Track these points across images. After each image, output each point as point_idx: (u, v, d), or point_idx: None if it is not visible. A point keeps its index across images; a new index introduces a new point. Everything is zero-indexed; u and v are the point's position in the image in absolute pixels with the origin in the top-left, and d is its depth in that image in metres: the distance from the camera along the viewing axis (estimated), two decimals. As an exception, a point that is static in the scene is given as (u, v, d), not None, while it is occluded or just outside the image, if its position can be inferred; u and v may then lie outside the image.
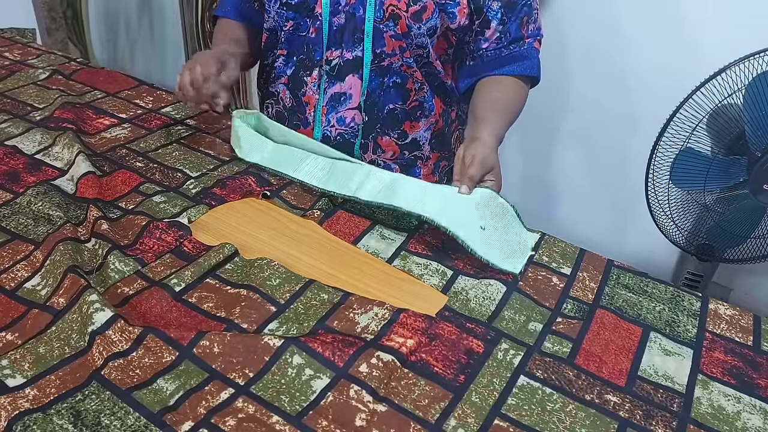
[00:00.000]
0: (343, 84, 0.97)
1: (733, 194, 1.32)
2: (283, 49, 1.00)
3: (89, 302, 0.62)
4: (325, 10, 0.92)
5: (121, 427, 0.53)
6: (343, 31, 0.93)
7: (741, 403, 0.62)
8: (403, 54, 0.94)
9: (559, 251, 0.81)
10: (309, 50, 0.97)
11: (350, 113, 0.99)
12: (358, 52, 0.94)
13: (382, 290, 0.72)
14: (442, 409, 0.58)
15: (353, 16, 0.92)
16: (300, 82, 1.00)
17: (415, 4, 0.89)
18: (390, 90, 0.97)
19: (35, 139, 0.92)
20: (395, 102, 0.99)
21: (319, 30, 0.94)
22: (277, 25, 0.98)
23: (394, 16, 0.90)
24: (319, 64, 0.97)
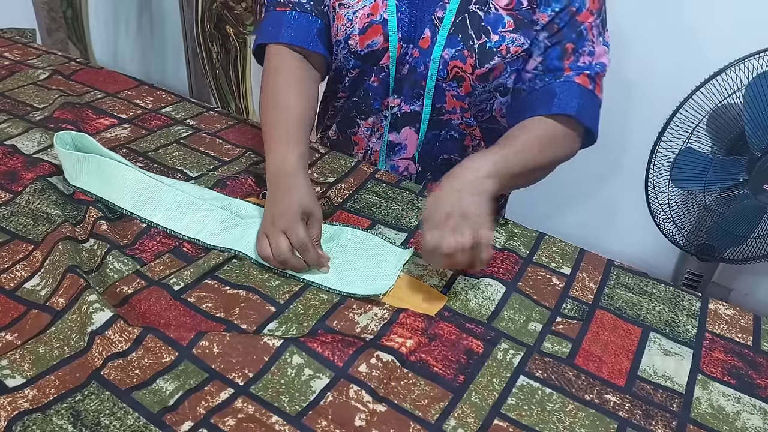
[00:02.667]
0: (399, 135, 0.95)
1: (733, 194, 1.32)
2: (345, 92, 0.98)
3: (89, 302, 0.62)
4: (392, 62, 0.89)
5: (120, 427, 0.53)
6: (405, 83, 0.91)
7: (741, 403, 0.62)
8: (464, 114, 0.92)
9: (559, 251, 0.81)
10: (368, 96, 0.95)
11: (404, 163, 0.98)
12: (416, 107, 0.92)
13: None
14: (441, 409, 0.58)
15: (414, 70, 0.89)
16: (351, 121, 0.99)
17: (482, 66, 0.85)
18: (447, 142, 0.96)
19: (35, 138, 0.92)
20: (451, 153, 0.97)
21: (382, 81, 0.92)
22: (343, 68, 0.95)
23: (458, 78, 0.87)
24: (377, 112, 0.96)
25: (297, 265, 0.72)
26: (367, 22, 0.87)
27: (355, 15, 0.88)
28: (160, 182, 0.80)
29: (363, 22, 0.87)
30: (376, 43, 0.88)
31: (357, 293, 0.70)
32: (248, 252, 0.74)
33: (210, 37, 2.02)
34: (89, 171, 0.81)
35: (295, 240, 0.72)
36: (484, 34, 0.84)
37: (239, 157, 0.94)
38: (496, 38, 0.84)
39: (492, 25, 0.84)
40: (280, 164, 0.78)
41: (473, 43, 0.84)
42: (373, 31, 0.88)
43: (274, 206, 0.75)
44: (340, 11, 0.88)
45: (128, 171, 0.80)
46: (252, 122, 1.05)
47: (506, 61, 0.85)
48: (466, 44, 0.85)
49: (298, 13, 0.89)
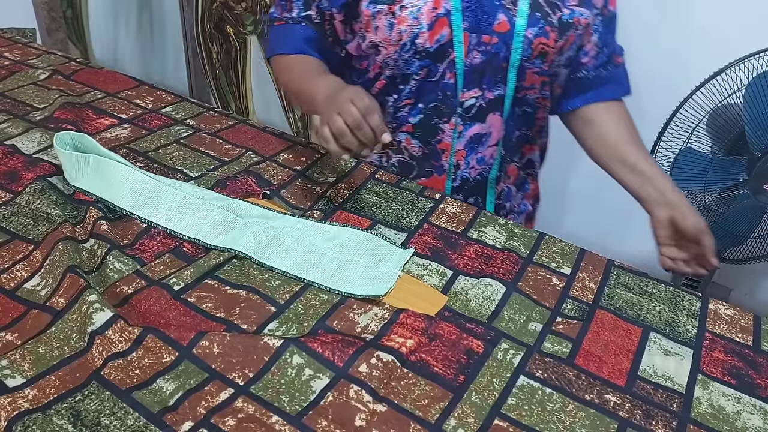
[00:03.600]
0: (484, 124, 0.94)
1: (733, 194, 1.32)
2: (409, 98, 0.94)
3: (89, 302, 0.62)
4: (458, 53, 0.88)
5: (120, 427, 0.53)
6: (483, 71, 0.90)
7: (741, 403, 0.62)
8: (543, 88, 0.94)
9: (559, 251, 0.81)
10: (446, 96, 0.92)
11: (489, 150, 0.97)
12: (499, 91, 0.92)
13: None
14: (442, 409, 0.58)
15: (496, 56, 0.89)
16: (434, 129, 0.95)
17: (561, 38, 0.88)
18: (520, 118, 0.96)
19: (35, 138, 0.92)
20: (521, 128, 0.98)
21: (457, 74, 0.90)
22: (402, 73, 0.92)
23: (543, 54, 0.89)
24: (457, 110, 0.93)
25: (352, 142, 0.73)
26: (433, 16, 0.87)
27: (420, 12, 0.87)
28: (159, 182, 0.80)
29: (430, 17, 0.87)
30: (444, 37, 0.87)
31: (357, 294, 0.70)
32: (248, 252, 0.74)
33: (210, 37, 2.02)
34: (89, 171, 0.81)
35: (361, 105, 0.73)
36: (557, 8, 0.88)
37: (239, 157, 0.94)
38: (568, 11, 0.88)
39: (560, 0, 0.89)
40: (330, 86, 0.82)
41: (552, 18, 0.87)
42: (439, 25, 0.87)
43: (332, 98, 0.78)
44: (402, 13, 0.87)
45: (128, 171, 0.80)
46: (252, 122, 1.05)
47: (577, 33, 0.90)
48: (545, 20, 0.87)
49: (290, 25, 0.95)
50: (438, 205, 0.88)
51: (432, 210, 0.87)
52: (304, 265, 0.74)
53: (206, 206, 0.78)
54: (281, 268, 0.73)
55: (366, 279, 0.73)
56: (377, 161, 1.02)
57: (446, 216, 0.86)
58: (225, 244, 0.75)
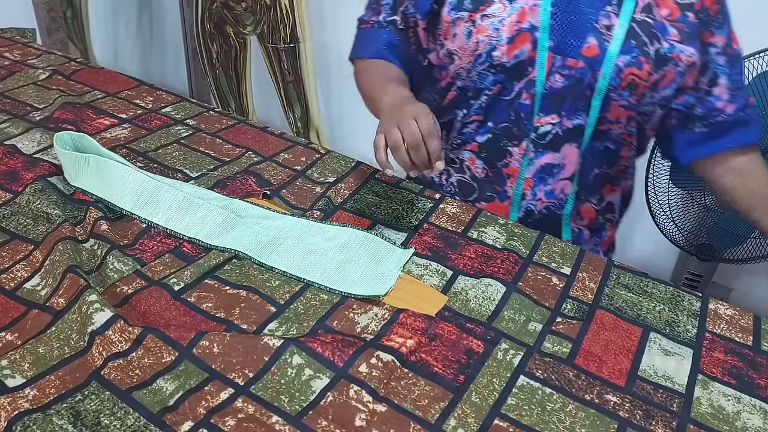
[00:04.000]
0: (558, 154, 0.88)
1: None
2: (478, 114, 0.89)
3: (89, 302, 0.62)
4: (539, 74, 0.83)
5: (120, 427, 0.53)
6: (564, 97, 0.84)
7: (741, 403, 0.62)
8: (629, 124, 0.87)
9: (559, 251, 0.81)
10: (519, 118, 0.87)
11: (561, 184, 0.91)
12: (580, 120, 0.85)
13: (381, 290, 0.72)
14: (442, 409, 0.58)
15: (580, 81, 0.83)
16: (502, 152, 0.89)
17: (656, 72, 0.82)
18: (600, 154, 0.90)
19: (34, 138, 0.92)
20: (601, 166, 0.91)
21: (533, 96, 0.85)
22: (475, 86, 0.87)
23: (633, 85, 0.82)
24: (528, 134, 0.88)
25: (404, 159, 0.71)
26: (515, 30, 0.82)
27: (501, 23, 0.82)
28: (160, 182, 0.80)
29: (512, 30, 0.82)
30: (524, 53, 0.83)
31: (357, 294, 0.70)
32: (248, 252, 0.74)
33: (210, 37, 2.02)
34: (89, 171, 0.81)
35: (425, 125, 0.69)
36: (656, 40, 0.82)
37: (239, 157, 0.94)
38: (667, 45, 0.82)
39: (660, 31, 0.82)
40: (397, 96, 0.80)
41: (648, 49, 0.81)
42: (520, 40, 0.82)
43: (398, 109, 0.75)
44: (483, 22, 0.83)
45: (128, 171, 0.80)
46: (252, 122, 1.05)
47: (677, 70, 0.83)
48: (641, 50, 0.81)
49: (375, 29, 0.93)
50: (438, 205, 0.88)
51: (432, 210, 0.87)
52: (304, 265, 0.74)
53: (206, 206, 0.78)
54: (281, 268, 0.73)
55: (366, 279, 0.73)
56: (436, 178, 0.98)
57: (446, 216, 0.86)
58: (225, 244, 0.75)
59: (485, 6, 0.84)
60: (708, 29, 0.84)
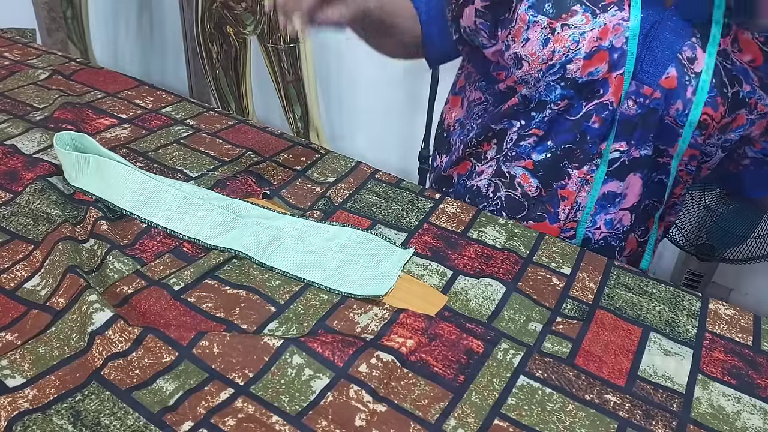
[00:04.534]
0: (622, 183, 0.85)
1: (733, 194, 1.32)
2: (539, 128, 0.84)
3: (89, 302, 0.62)
4: (622, 98, 0.79)
5: (120, 427, 0.53)
6: (635, 125, 0.81)
7: (741, 403, 0.62)
8: (690, 162, 0.84)
9: (559, 251, 0.81)
10: (584, 140, 0.83)
11: (621, 214, 0.88)
12: (647, 151, 0.82)
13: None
14: (442, 409, 0.58)
15: (654, 111, 0.79)
16: (561, 173, 0.85)
17: (728, 116, 0.78)
18: (653, 186, 0.87)
19: (35, 138, 0.92)
20: (652, 198, 0.88)
21: (604, 120, 0.81)
22: (539, 98, 0.82)
23: (703, 125, 0.79)
24: (591, 158, 0.84)
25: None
26: (595, 46, 0.77)
27: (582, 36, 0.77)
28: (160, 182, 0.80)
29: (591, 45, 0.77)
30: (599, 71, 0.78)
31: (357, 294, 0.70)
32: (248, 252, 0.74)
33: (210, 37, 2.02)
34: (89, 171, 0.81)
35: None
36: (737, 82, 0.78)
37: (239, 157, 0.94)
38: (748, 88, 0.78)
39: (742, 74, 0.78)
40: None
41: (727, 91, 0.77)
42: (598, 58, 0.78)
43: None
44: (563, 32, 0.78)
45: (128, 171, 0.80)
46: (252, 122, 1.05)
47: (749, 117, 0.79)
48: (720, 91, 0.77)
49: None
50: (438, 205, 0.88)
51: (432, 210, 0.87)
52: (304, 265, 0.74)
53: (206, 206, 0.78)
54: (281, 268, 0.73)
55: (366, 279, 0.73)
56: (483, 189, 0.92)
57: (446, 216, 0.86)
58: (225, 244, 0.75)
59: (567, 15, 0.78)
60: None
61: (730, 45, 0.78)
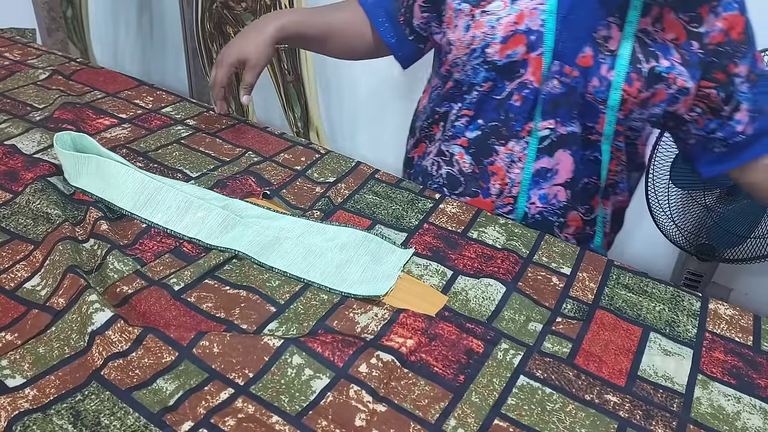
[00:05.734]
0: (552, 159, 0.90)
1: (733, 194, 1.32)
2: (469, 109, 0.91)
3: (89, 302, 0.62)
4: (544, 77, 0.84)
5: (120, 427, 0.53)
6: (559, 103, 0.86)
7: (741, 403, 0.62)
8: (616, 137, 0.88)
9: (559, 251, 0.81)
10: (508, 118, 0.89)
11: (554, 189, 0.92)
12: (575, 128, 0.87)
13: (381, 290, 0.72)
14: (442, 409, 0.58)
15: (573, 90, 0.84)
16: (488, 149, 0.91)
17: (647, 90, 0.83)
18: (590, 164, 0.91)
19: (34, 138, 0.92)
20: (591, 176, 0.92)
21: (526, 99, 0.87)
22: (468, 80, 0.89)
23: (621, 101, 0.84)
24: (519, 135, 0.89)
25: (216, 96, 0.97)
26: (511, 30, 0.83)
27: (498, 22, 0.84)
28: (160, 182, 0.80)
29: (507, 30, 0.84)
30: (517, 53, 0.84)
31: (357, 294, 0.70)
32: (248, 252, 0.74)
33: (210, 37, 2.02)
34: (89, 172, 0.81)
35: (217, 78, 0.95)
36: (652, 57, 0.82)
37: (239, 157, 0.94)
38: (667, 64, 0.81)
39: (661, 51, 0.82)
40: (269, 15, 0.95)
41: (641, 66, 0.81)
42: (514, 41, 0.83)
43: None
44: (481, 18, 0.84)
45: (128, 171, 0.80)
46: (252, 122, 1.05)
47: (669, 92, 0.83)
48: (633, 65, 0.81)
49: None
50: (438, 205, 0.88)
51: (432, 210, 0.87)
52: (304, 265, 0.74)
53: (206, 206, 0.78)
54: (281, 268, 0.73)
55: (366, 279, 0.73)
56: (430, 167, 0.99)
57: (446, 216, 0.86)
58: (225, 244, 0.75)
59: (486, 2, 0.85)
60: (732, 61, 0.83)
61: (651, 25, 0.81)
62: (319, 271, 0.73)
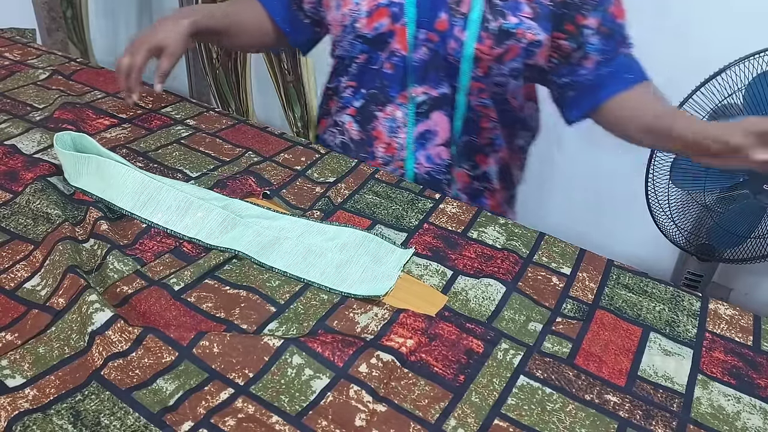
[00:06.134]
0: (430, 121, 0.96)
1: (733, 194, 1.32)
2: (352, 80, 0.99)
3: (89, 302, 0.62)
4: (410, 45, 0.91)
5: (120, 427, 0.53)
6: (427, 68, 0.92)
7: (741, 403, 0.62)
8: (480, 94, 0.94)
9: (559, 251, 0.81)
10: (383, 85, 0.96)
11: (435, 150, 0.98)
12: (444, 89, 0.94)
13: (381, 290, 0.72)
14: (442, 409, 0.58)
15: (437, 53, 0.91)
16: (370, 116, 0.99)
17: (498, 46, 0.89)
18: (469, 123, 0.97)
19: (34, 138, 0.92)
20: (470, 135, 0.99)
21: (396, 66, 0.94)
22: (348, 55, 0.97)
23: (477, 59, 0.90)
24: (396, 101, 0.96)
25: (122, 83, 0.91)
26: (374, 5, 0.91)
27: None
28: (160, 182, 0.80)
29: (370, 4, 0.91)
30: (383, 25, 0.91)
31: (357, 294, 0.70)
32: (248, 252, 0.74)
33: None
34: (89, 171, 0.81)
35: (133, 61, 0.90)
36: (500, 16, 0.88)
37: (239, 157, 0.94)
38: (515, 20, 0.87)
39: (510, 9, 0.88)
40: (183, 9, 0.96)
41: (489, 24, 0.88)
42: (378, 14, 0.90)
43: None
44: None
45: (128, 171, 0.80)
46: (252, 122, 1.05)
47: (521, 46, 0.89)
48: (482, 25, 0.88)
49: None
50: (438, 205, 0.88)
51: (432, 210, 0.87)
52: (304, 265, 0.74)
53: (206, 206, 0.78)
54: (281, 268, 0.73)
55: (366, 279, 0.73)
56: (329, 139, 1.06)
57: (446, 216, 0.86)
58: (225, 244, 0.75)
59: None
60: (580, 12, 0.89)
61: None
62: (319, 271, 0.73)
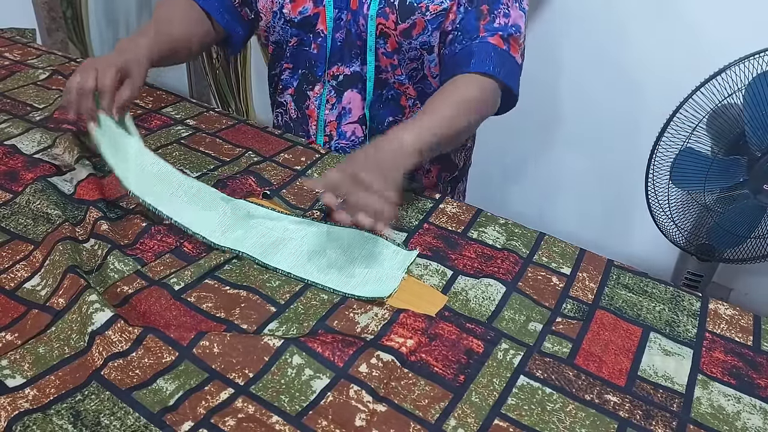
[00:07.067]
0: (344, 99, 0.99)
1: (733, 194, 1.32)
2: (288, 63, 1.01)
3: (89, 302, 0.62)
4: (329, 26, 0.94)
5: (120, 427, 0.53)
6: (343, 48, 0.95)
7: (741, 403, 0.62)
8: (395, 71, 0.96)
9: (559, 251, 0.81)
10: (311, 65, 0.99)
11: (350, 127, 1.01)
12: (356, 68, 0.96)
13: (381, 290, 0.72)
14: (442, 409, 0.58)
15: (350, 32, 0.94)
16: (304, 95, 1.02)
17: (403, 21, 0.90)
18: (389, 102, 0.99)
19: (35, 138, 0.92)
20: (395, 114, 1.00)
21: (321, 46, 0.96)
22: (282, 40, 1.00)
23: (384, 35, 0.92)
24: (322, 80, 0.99)
25: (80, 105, 0.76)
26: None
27: None
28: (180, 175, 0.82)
29: None
30: (307, 9, 0.93)
31: (360, 295, 0.70)
32: (252, 253, 0.74)
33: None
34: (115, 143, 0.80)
35: (101, 82, 0.76)
36: None
37: (239, 157, 0.94)
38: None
39: None
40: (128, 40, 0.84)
41: (394, 0, 0.89)
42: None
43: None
44: None
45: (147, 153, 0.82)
46: (252, 122, 1.05)
47: (426, 19, 0.89)
48: (386, 1, 0.89)
49: None
50: (438, 205, 0.88)
51: (432, 210, 0.87)
52: (307, 267, 0.74)
53: (213, 205, 0.79)
54: (285, 269, 0.73)
55: (369, 280, 0.73)
56: (277, 120, 1.09)
57: (446, 216, 0.86)
58: (229, 244, 0.75)
59: None
60: None
61: None
62: (323, 272, 0.73)
